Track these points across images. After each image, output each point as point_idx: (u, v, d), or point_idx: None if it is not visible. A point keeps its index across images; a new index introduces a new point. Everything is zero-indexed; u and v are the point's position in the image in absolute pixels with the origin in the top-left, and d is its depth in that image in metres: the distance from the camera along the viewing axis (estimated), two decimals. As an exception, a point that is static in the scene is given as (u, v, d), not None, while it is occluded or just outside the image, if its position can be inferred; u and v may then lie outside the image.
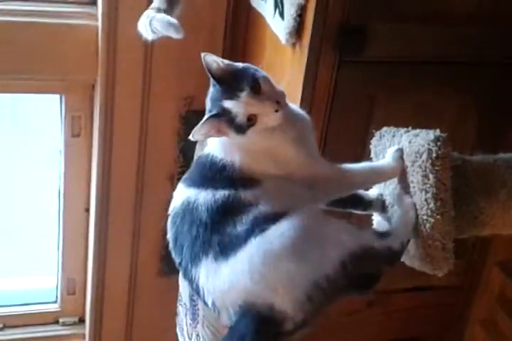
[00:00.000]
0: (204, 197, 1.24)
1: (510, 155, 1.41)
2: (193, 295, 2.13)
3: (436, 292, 2.14)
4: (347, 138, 1.83)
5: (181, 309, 2.30)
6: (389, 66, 1.80)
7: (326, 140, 1.80)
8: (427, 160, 1.26)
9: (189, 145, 2.29)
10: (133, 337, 2.65)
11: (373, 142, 1.44)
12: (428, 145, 1.27)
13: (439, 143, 1.27)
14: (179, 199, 1.28)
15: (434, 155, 1.26)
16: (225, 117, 1.23)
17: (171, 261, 1.29)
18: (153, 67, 2.26)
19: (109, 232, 2.44)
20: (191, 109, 2.34)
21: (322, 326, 2.12)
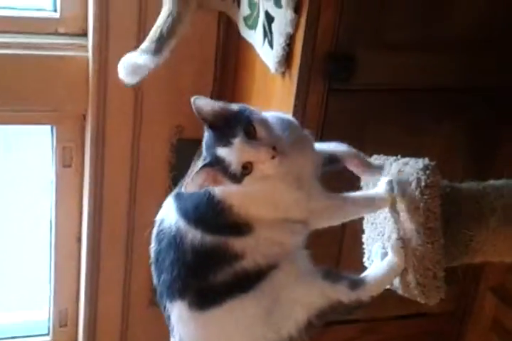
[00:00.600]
0: (193, 236, 1.22)
1: (499, 182, 1.42)
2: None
3: (429, 319, 2.13)
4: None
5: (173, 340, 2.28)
6: (378, 94, 1.81)
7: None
8: (416, 188, 1.27)
9: (181, 174, 2.28)
10: (126, 368, 2.63)
11: (363, 170, 1.44)
12: (417, 173, 1.28)
13: (427, 172, 1.28)
14: (170, 217, 1.25)
15: (423, 183, 1.26)
16: (218, 166, 1.15)
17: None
18: (144, 96, 2.27)
19: (101, 262, 2.43)
20: (182, 137, 2.35)
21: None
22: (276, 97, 1.85)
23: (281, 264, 1.25)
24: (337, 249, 1.92)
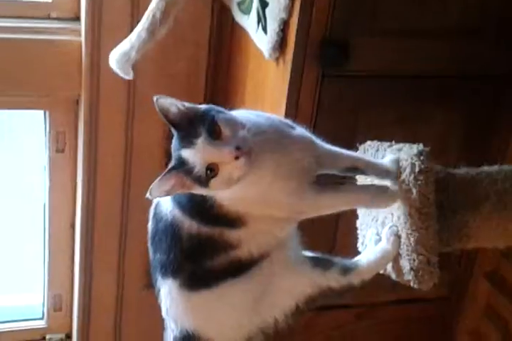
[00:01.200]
0: (189, 226, 1.21)
1: (493, 168, 1.42)
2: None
3: (423, 304, 2.14)
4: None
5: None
6: (372, 80, 1.80)
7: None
8: (410, 174, 1.27)
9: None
10: (121, 352, 2.64)
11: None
12: (411, 159, 1.28)
13: (422, 158, 1.28)
14: (166, 203, 1.25)
15: (417, 169, 1.26)
16: (183, 168, 1.11)
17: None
18: (138, 81, 2.25)
19: (95, 247, 2.43)
20: (177, 123, 2.34)
21: (312, 340, 2.13)
22: (270, 83, 1.84)
23: (273, 254, 1.26)
24: (332, 234, 1.92)
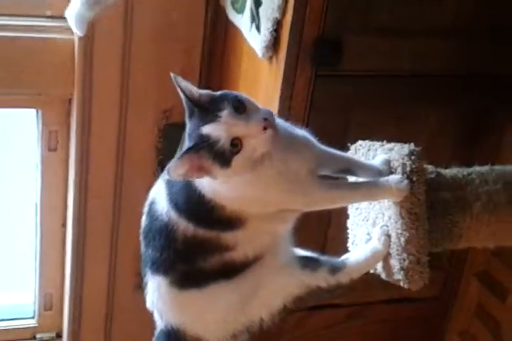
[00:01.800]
0: (184, 227, 1.20)
1: (484, 168, 1.42)
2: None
3: (414, 304, 2.14)
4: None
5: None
6: (365, 79, 1.81)
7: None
8: (402, 174, 1.27)
9: (167, 158, 2.28)
10: (111, 351, 2.63)
11: (349, 156, 1.44)
12: (402, 159, 1.28)
13: (413, 157, 1.28)
14: (161, 202, 1.22)
15: (408, 169, 1.26)
16: (203, 145, 1.05)
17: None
18: (131, 80, 2.25)
19: (86, 247, 2.42)
20: (170, 122, 2.33)
21: (302, 339, 2.13)
22: (263, 82, 1.84)
23: (266, 256, 1.26)
24: (323, 234, 1.92)
